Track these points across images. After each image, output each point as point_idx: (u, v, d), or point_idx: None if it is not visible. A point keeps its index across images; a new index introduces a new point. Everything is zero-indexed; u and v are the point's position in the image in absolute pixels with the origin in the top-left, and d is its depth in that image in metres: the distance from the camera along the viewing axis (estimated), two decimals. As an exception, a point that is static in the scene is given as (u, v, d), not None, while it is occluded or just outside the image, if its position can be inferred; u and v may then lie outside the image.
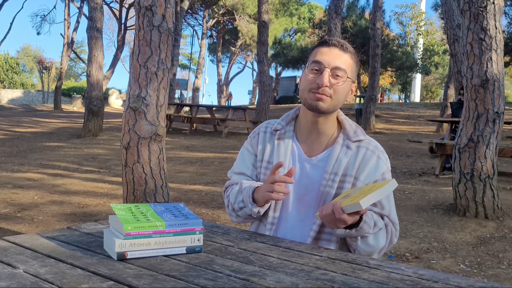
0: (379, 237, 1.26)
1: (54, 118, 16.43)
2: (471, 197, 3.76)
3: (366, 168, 1.31)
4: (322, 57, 1.29)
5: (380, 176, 1.32)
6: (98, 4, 10.18)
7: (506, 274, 2.75)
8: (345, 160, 1.31)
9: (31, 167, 6.49)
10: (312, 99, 1.29)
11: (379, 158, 1.33)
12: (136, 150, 2.92)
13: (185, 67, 46.39)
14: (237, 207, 1.36)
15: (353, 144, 1.33)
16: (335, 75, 1.28)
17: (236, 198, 1.36)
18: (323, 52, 1.30)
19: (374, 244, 1.26)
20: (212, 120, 11.46)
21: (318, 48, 1.32)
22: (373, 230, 1.24)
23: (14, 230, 3.53)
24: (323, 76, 1.27)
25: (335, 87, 1.28)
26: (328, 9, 11.49)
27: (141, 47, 2.95)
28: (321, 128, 1.36)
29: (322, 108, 1.29)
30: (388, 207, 1.31)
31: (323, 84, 1.26)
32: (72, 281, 0.84)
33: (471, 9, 3.75)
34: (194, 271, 0.92)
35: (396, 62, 23.54)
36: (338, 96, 1.29)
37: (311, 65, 1.30)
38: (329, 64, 1.28)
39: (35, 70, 43.00)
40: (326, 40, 1.33)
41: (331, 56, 1.29)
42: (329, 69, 1.28)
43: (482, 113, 3.73)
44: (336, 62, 1.28)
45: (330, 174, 1.30)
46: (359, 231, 1.20)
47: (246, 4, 28.20)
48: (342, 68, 1.28)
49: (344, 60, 1.29)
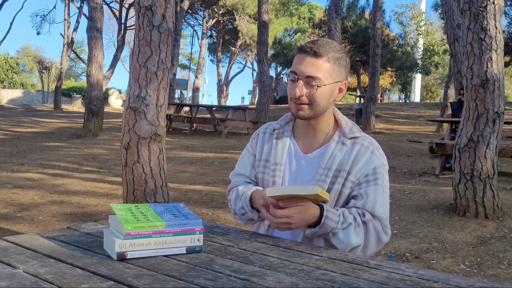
0: (349, 233, 1.24)
1: (54, 118, 16.43)
2: (471, 197, 3.76)
3: (358, 163, 1.31)
4: (296, 67, 1.31)
5: (371, 170, 1.31)
6: (98, 4, 10.18)
7: (506, 274, 2.75)
8: (339, 156, 1.32)
9: (31, 167, 6.49)
10: (293, 108, 1.34)
11: (372, 153, 1.33)
12: (136, 150, 2.92)
13: (185, 67, 46.39)
14: (239, 213, 1.41)
15: (349, 140, 1.34)
16: (308, 84, 1.29)
17: (236, 205, 1.41)
18: (297, 61, 1.31)
19: (345, 240, 1.24)
20: (212, 120, 11.46)
21: (296, 56, 1.34)
22: (341, 225, 1.23)
23: (14, 230, 3.53)
24: (296, 88, 1.29)
25: (310, 96, 1.29)
26: (328, 9, 11.49)
27: (141, 47, 2.95)
28: (316, 127, 1.38)
29: (303, 116, 1.33)
30: (373, 198, 1.29)
31: (296, 95, 1.29)
32: (72, 281, 0.84)
33: (471, 9, 3.75)
34: (194, 271, 0.92)
35: (396, 62, 23.53)
36: (318, 102, 1.30)
37: (290, 75, 1.33)
38: (301, 74, 1.29)
39: (35, 70, 42.99)
40: (301, 46, 1.33)
41: (303, 65, 1.29)
42: (302, 79, 1.29)
43: (482, 113, 3.72)
44: (308, 71, 1.28)
45: (324, 169, 1.32)
46: (323, 228, 1.22)
47: (246, 4, 28.19)
48: (314, 76, 1.28)
49: (317, 67, 1.29)
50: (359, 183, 1.32)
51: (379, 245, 1.31)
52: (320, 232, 1.24)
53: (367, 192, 1.30)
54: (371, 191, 1.30)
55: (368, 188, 1.30)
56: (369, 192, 1.30)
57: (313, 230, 1.24)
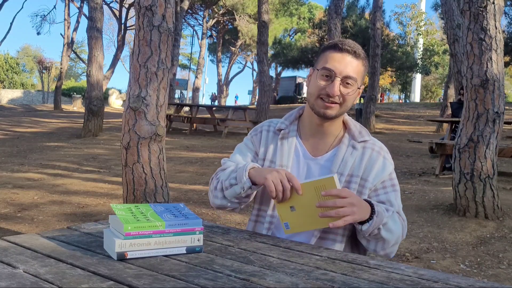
0: (396, 219, 1.26)
1: (54, 118, 16.43)
2: (471, 197, 3.76)
3: (373, 169, 1.31)
4: (334, 64, 1.26)
5: (387, 176, 1.32)
6: (98, 4, 10.18)
7: (506, 274, 2.75)
8: (351, 161, 1.31)
9: (31, 167, 6.49)
10: (320, 107, 1.29)
11: (385, 159, 1.33)
12: (136, 150, 2.92)
13: (185, 67, 46.41)
14: (227, 184, 1.29)
15: (359, 144, 1.33)
16: (345, 84, 1.27)
17: (228, 176, 1.31)
18: (335, 59, 1.26)
19: (395, 228, 1.24)
20: (212, 120, 11.46)
21: (330, 53, 1.28)
22: (388, 213, 1.23)
23: (14, 230, 3.53)
24: (334, 86, 1.25)
25: (344, 96, 1.27)
26: (328, 9, 11.49)
27: (141, 47, 2.95)
28: (327, 130, 1.36)
29: (331, 115, 1.29)
30: (397, 204, 1.32)
31: (333, 94, 1.25)
32: (72, 281, 0.84)
33: (471, 9, 3.75)
34: (194, 271, 0.92)
35: (396, 62, 23.53)
36: (347, 103, 1.29)
37: (321, 71, 1.27)
38: (340, 73, 1.25)
39: (35, 70, 43.02)
40: (339, 44, 1.28)
41: (343, 64, 1.26)
42: (340, 78, 1.26)
43: (482, 113, 3.72)
44: (347, 71, 1.26)
45: (336, 174, 1.31)
46: (379, 216, 1.18)
47: (246, 4, 28.20)
48: (353, 77, 1.26)
49: (355, 68, 1.27)
50: (376, 189, 1.32)
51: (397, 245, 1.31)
52: (378, 222, 1.18)
53: (390, 200, 1.31)
54: (392, 198, 1.31)
55: (388, 195, 1.31)
56: (391, 199, 1.31)
57: (372, 222, 1.17)
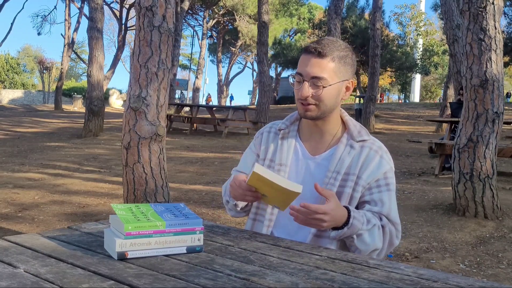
0: (374, 234, 1.26)
1: (55, 118, 16.43)
2: (470, 197, 3.76)
3: (368, 167, 1.31)
4: (301, 68, 1.31)
5: (381, 175, 1.32)
6: (98, 4, 10.18)
7: (505, 273, 2.75)
8: (348, 160, 1.32)
9: (31, 167, 6.49)
10: (300, 109, 1.33)
11: (382, 158, 1.33)
12: (136, 150, 2.93)
13: (185, 67, 46.37)
14: (224, 200, 1.44)
15: (357, 144, 1.34)
16: (314, 85, 1.29)
17: (224, 192, 1.45)
18: (302, 62, 1.31)
19: (370, 241, 1.25)
20: (212, 120, 11.45)
21: (301, 57, 1.33)
22: (366, 226, 1.24)
23: (14, 230, 3.54)
24: (302, 89, 1.29)
25: (316, 97, 1.29)
26: (328, 9, 11.49)
27: (142, 47, 2.96)
28: (323, 128, 1.38)
29: (311, 116, 1.32)
30: (388, 205, 1.31)
31: (303, 96, 1.29)
32: (72, 281, 0.84)
33: (470, 9, 3.75)
34: (194, 270, 0.93)
35: (396, 62, 23.54)
36: (325, 102, 1.30)
37: (295, 77, 1.33)
38: (307, 75, 1.29)
39: (35, 70, 43.00)
40: (306, 47, 1.33)
41: (309, 66, 1.29)
42: (307, 80, 1.29)
43: (481, 113, 3.73)
44: (313, 71, 1.28)
45: (333, 172, 1.32)
46: (351, 228, 1.21)
47: (246, 5, 28.19)
48: (319, 77, 1.28)
49: (322, 67, 1.28)
50: (370, 187, 1.32)
51: (390, 249, 1.32)
52: (348, 233, 1.22)
53: (382, 199, 1.30)
54: (385, 198, 1.31)
55: (381, 194, 1.31)
56: (383, 198, 1.30)
57: (341, 231, 1.22)
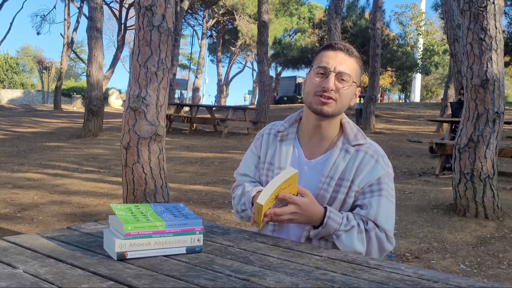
0: (352, 236, 1.24)
1: (54, 118, 16.43)
2: (471, 197, 3.76)
3: (362, 172, 1.29)
4: (328, 61, 1.29)
5: (375, 180, 1.29)
6: (98, 4, 10.18)
7: (506, 274, 2.75)
8: (342, 165, 1.30)
9: (31, 167, 6.49)
10: (317, 103, 1.29)
11: (377, 162, 1.31)
12: (136, 150, 2.92)
13: (185, 67, 46.38)
14: (240, 209, 1.41)
15: (352, 148, 1.32)
16: (340, 79, 1.28)
17: (239, 201, 1.42)
18: (329, 56, 1.30)
19: (348, 243, 1.23)
20: (212, 120, 11.46)
21: (323, 52, 1.32)
22: (345, 227, 1.23)
23: (14, 230, 3.53)
24: (328, 80, 1.27)
25: (340, 91, 1.28)
26: (328, 9, 11.49)
27: (141, 47, 2.95)
28: (324, 132, 1.35)
29: (327, 112, 1.29)
30: (376, 209, 1.27)
31: (328, 88, 1.26)
32: (72, 281, 0.84)
33: (471, 9, 3.75)
34: (194, 271, 0.92)
35: (396, 62, 23.53)
36: (343, 100, 1.29)
37: (316, 69, 1.30)
38: (334, 68, 1.28)
39: (35, 70, 43.00)
40: (332, 44, 1.33)
41: (337, 60, 1.29)
42: (335, 73, 1.28)
43: (482, 113, 3.72)
44: (341, 67, 1.28)
45: (326, 177, 1.30)
46: (326, 228, 1.23)
47: (246, 4, 28.19)
48: (347, 73, 1.28)
49: (349, 65, 1.30)
50: (363, 192, 1.30)
51: (382, 254, 1.30)
52: (323, 232, 1.24)
53: (371, 203, 1.28)
54: (374, 202, 1.28)
55: (372, 198, 1.28)
56: (372, 203, 1.28)
57: (316, 231, 1.25)
